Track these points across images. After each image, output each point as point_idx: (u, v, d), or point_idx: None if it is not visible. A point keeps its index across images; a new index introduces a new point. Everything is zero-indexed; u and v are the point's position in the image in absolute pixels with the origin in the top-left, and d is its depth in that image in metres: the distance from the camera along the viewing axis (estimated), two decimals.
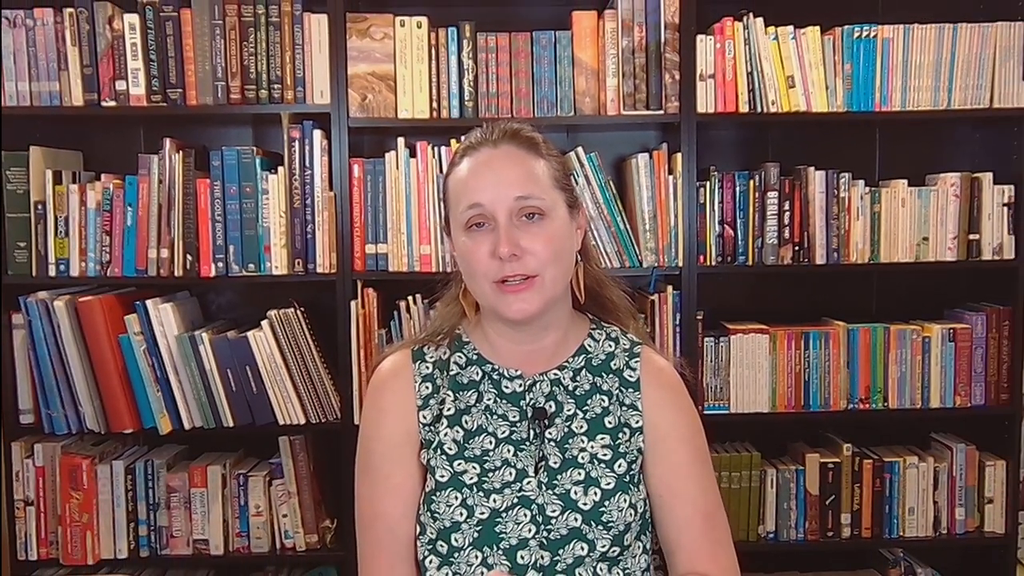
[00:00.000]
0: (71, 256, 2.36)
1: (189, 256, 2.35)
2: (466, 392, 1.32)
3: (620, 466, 1.28)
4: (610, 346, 1.35)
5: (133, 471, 2.40)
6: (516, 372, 1.32)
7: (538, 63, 2.39)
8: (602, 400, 1.31)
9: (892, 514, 2.48)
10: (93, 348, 2.32)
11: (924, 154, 2.64)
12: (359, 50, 2.36)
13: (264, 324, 2.35)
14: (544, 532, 1.24)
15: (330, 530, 2.43)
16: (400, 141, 2.38)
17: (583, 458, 1.27)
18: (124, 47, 2.33)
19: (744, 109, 2.39)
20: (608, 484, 1.26)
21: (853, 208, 2.44)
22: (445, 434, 1.29)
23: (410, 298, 2.40)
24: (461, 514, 1.25)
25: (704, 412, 2.40)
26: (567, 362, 1.33)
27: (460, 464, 1.27)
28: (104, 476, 2.39)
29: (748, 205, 2.43)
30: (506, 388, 1.32)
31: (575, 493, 1.26)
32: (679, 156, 2.38)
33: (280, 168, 2.36)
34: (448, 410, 1.31)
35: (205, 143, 2.49)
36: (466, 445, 1.29)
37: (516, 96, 2.39)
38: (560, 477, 1.27)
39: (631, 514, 1.26)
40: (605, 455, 1.28)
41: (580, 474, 1.27)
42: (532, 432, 1.29)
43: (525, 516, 1.25)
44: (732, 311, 2.58)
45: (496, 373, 1.33)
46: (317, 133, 2.35)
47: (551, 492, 1.26)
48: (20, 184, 2.35)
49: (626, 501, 1.26)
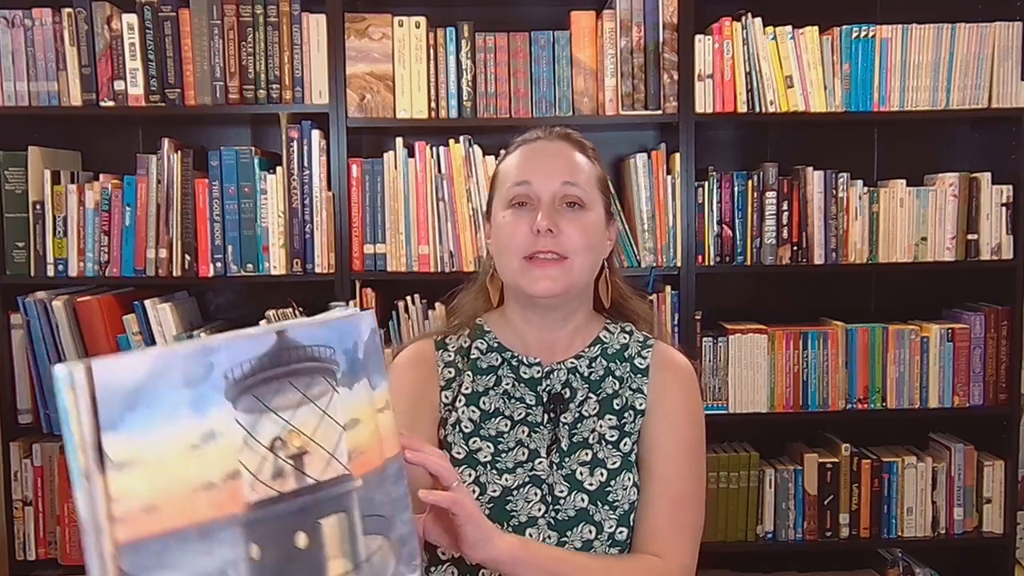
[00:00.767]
0: (69, 256, 2.36)
1: (187, 256, 2.35)
2: (485, 376, 1.36)
3: (625, 445, 1.31)
4: (624, 338, 1.39)
5: None
6: (535, 359, 1.35)
7: (536, 63, 2.39)
8: (613, 384, 1.35)
9: (890, 514, 2.48)
10: (91, 348, 2.32)
11: (922, 154, 2.64)
12: (357, 50, 2.36)
13: (262, 324, 2.35)
14: (552, 512, 1.27)
15: None
16: (398, 141, 2.39)
17: (592, 438, 1.31)
18: (122, 47, 2.33)
19: (742, 109, 2.39)
20: (614, 463, 1.29)
21: (852, 208, 2.44)
22: (463, 412, 1.33)
23: (408, 298, 2.40)
24: (474, 491, 1.27)
25: None
26: (584, 351, 1.37)
27: (475, 442, 1.31)
28: None
29: (746, 205, 2.43)
30: (524, 374, 1.35)
31: (581, 474, 1.29)
32: (677, 156, 2.38)
33: (278, 168, 2.36)
34: (466, 389, 1.35)
35: (203, 143, 2.49)
36: (482, 425, 1.32)
37: (514, 96, 2.39)
38: (569, 459, 1.30)
39: (635, 492, 1.29)
40: (612, 436, 1.31)
41: (587, 455, 1.30)
42: (547, 416, 1.33)
43: (535, 495, 1.28)
44: (730, 311, 2.58)
45: (515, 360, 1.36)
46: (315, 133, 2.35)
47: (559, 473, 1.29)
48: (18, 184, 2.35)
49: (630, 480, 1.29)
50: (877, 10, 2.59)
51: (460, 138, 2.38)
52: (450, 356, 1.39)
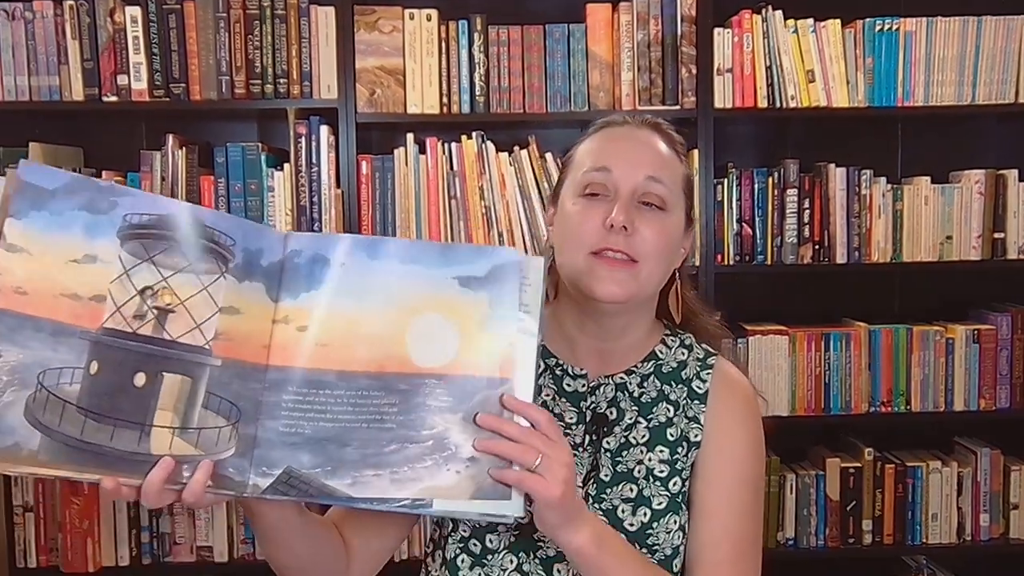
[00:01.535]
0: None
1: None
2: None
3: (675, 484, 1.18)
4: (683, 353, 1.25)
5: None
6: (581, 371, 1.23)
7: (551, 57, 2.35)
8: (667, 409, 1.21)
9: (915, 520, 2.44)
10: None
11: (947, 150, 2.58)
12: (367, 43, 2.32)
13: None
14: None
15: None
16: (409, 137, 2.34)
17: (639, 472, 1.18)
18: (126, 40, 2.28)
19: (763, 104, 2.35)
20: (659, 504, 1.17)
21: (875, 206, 2.39)
22: None
23: None
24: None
25: None
26: (636, 367, 1.23)
27: None
28: None
29: (767, 203, 2.39)
30: (568, 386, 1.23)
31: (622, 511, 1.17)
32: (696, 152, 2.33)
33: (286, 165, 2.32)
34: None
35: (209, 139, 2.44)
36: None
37: (529, 91, 2.34)
38: (609, 492, 1.18)
39: (679, 537, 1.17)
40: (661, 471, 1.18)
41: (632, 490, 1.17)
42: (588, 438, 1.20)
43: None
44: (751, 311, 2.52)
45: (559, 369, 1.24)
46: (324, 129, 2.31)
47: (597, 507, 1.17)
48: None
49: (675, 523, 1.17)
50: (901, 3, 2.53)
51: (473, 134, 2.34)
52: None
